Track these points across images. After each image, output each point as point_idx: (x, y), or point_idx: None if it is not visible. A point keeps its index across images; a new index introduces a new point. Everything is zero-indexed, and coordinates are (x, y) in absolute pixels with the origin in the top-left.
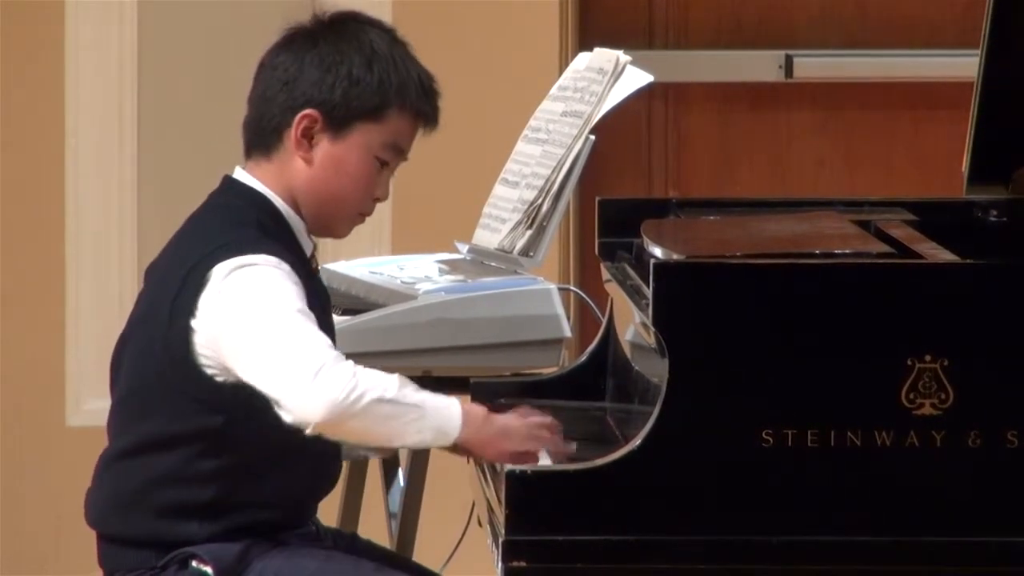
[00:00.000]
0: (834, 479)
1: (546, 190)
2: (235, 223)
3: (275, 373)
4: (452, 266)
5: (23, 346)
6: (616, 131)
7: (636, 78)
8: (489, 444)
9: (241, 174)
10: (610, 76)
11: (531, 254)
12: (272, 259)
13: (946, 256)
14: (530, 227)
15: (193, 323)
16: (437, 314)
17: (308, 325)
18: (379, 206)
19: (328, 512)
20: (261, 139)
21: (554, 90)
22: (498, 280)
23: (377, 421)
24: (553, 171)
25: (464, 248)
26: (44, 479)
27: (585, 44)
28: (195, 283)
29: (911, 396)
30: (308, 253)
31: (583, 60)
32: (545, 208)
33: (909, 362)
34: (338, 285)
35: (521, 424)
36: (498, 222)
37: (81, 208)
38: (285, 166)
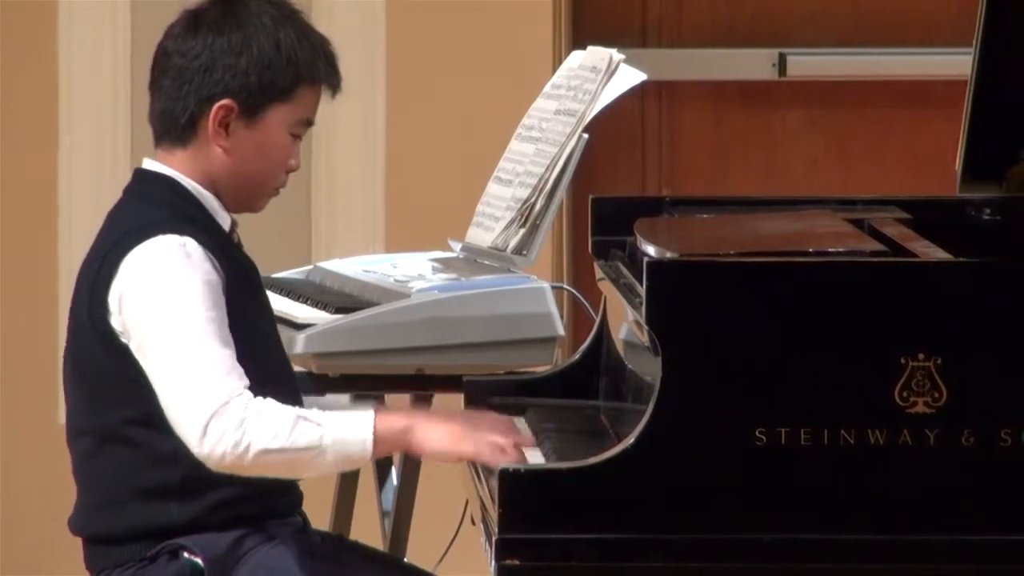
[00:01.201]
0: (827, 478)
1: (540, 188)
2: (143, 209)
3: (172, 413)
4: (445, 264)
5: (16, 344)
6: (609, 129)
7: (629, 76)
8: (420, 449)
9: (151, 163)
10: (603, 74)
11: (524, 252)
12: (176, 239)
13: (939, 254)
14: (523, 225)
15: (110, 312)
16: (430, 312)
17: (203, 355)
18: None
19: (321, 511)
20: (174, 130)
21: (547, 88)
22: (491, 278)
23: (270, 468)
24: (547, 169)
25: (458, 246)
26: (38, 478)
27: (578, 42)
28: (107, 274)
29: (904, 394)
30: (227, 228)
31: (576, 58)
32: (539, 206)
33: (902, 360)
34: (331, 283)
35: (457, 426)
36: (492, 220)
37: (74, 206)
38: (200, 152)
